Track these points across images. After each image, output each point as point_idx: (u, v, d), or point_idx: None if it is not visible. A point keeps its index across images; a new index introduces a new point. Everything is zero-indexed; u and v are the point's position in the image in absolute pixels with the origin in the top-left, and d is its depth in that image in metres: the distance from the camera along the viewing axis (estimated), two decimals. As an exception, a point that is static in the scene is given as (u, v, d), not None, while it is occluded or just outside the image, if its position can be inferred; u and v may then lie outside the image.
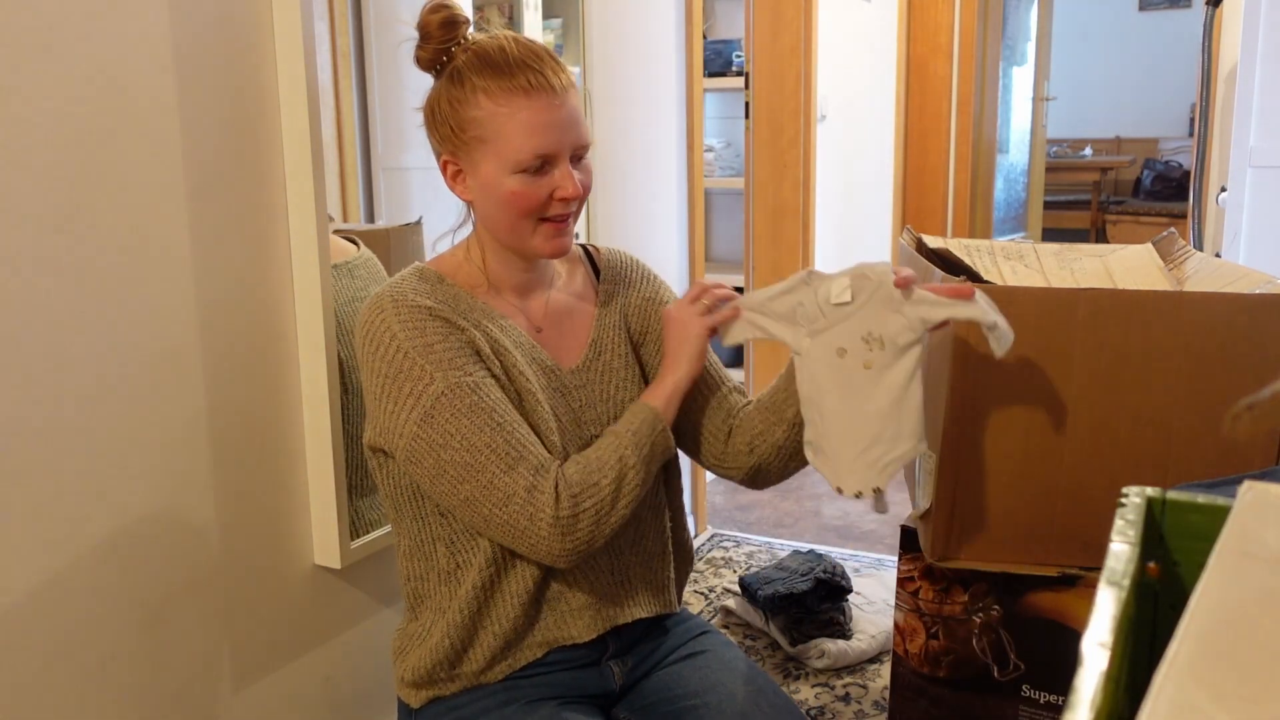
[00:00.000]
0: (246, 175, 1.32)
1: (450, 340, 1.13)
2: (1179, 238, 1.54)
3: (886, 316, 1.12)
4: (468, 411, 1.10)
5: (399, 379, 1.12)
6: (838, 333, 1.15)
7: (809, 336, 1.16)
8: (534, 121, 1.13)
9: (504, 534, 1.12)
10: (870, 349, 1.13)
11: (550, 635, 1.23)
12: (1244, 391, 1.16)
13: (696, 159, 2.61)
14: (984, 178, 5.20)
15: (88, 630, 1.19)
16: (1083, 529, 1.23)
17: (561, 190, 1.15)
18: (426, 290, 1.17)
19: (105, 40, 1.15)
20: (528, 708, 1.19)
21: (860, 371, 1.14)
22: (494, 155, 1.14)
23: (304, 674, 1.49)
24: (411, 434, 1.11)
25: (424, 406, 1.11)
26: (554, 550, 1.10)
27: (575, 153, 1.17)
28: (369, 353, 1.15)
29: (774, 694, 1.26)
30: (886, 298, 1.12)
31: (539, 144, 1.13)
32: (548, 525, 1.08)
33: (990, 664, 1.32)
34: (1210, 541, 0.55)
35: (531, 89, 1.13)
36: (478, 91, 1.14)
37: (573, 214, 1.19)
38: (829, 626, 2.00)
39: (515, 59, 1.14)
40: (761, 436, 1.26)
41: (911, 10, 4.39)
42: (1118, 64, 7.75)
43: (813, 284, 1.17)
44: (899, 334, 1.12)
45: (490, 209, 1.18)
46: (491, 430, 1.10)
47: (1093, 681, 0.45)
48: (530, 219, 1.16)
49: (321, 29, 1.66)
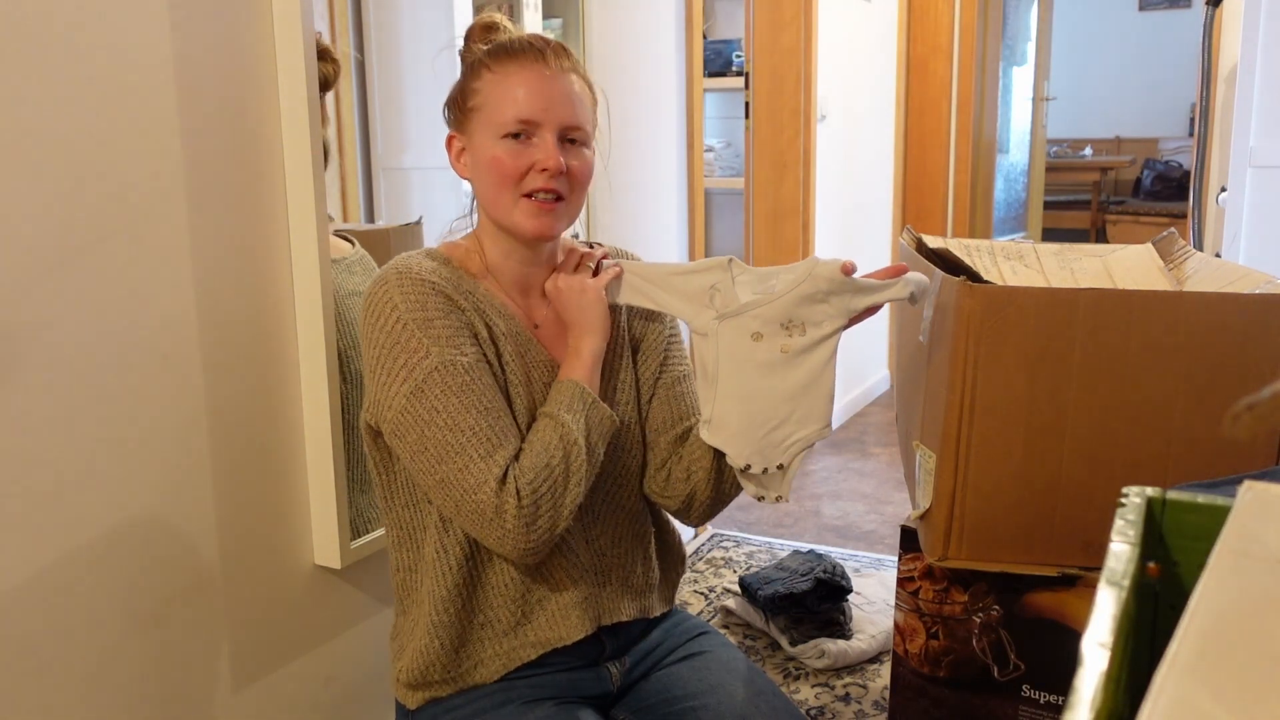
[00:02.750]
0: (246, 175, 1.32)
1: (450, 319, 1.14)
2: (1179, 238, 1.54)
3: (809, 305, 1.18)
4: (458, 390, 1.11)
5: (394, 350, 1.13)
6: (754, 316, 1.19)
7: (717, 319, 1.20)
8: (521, 88, 1.16)
9: (470, 523, 1.12)
10: (790, 334, 1.18)
11: (543, 635, 1.23)
12: (1244, 391, 1.15)
13: (696, 159, 2.61)
14: (984, 178, 5.20)
15: (88, 630, 1.19)
16: (1083, 529, 1.23)
17: (541, 162, 1.15)
18: (432, 268, 1.17)
19: (105, 41, 1.15)
20: (524, 708, 1.19)
21: (775, 354, 1.19)
22: (485, 123, 1.18)
23: (304, 674, 1.49)
24: (400, 406, 1.12)
25: (416, 379, 1.11)
26: (519, 544, 1.10)
27: (565, 133, 1.18)
28: (370, 324, 1.15)
29: (773, 695, 1.25)
30: (812, 289, 1.17)
31: (522, 109, 1.16)
32: (512, 517, 1.09)
33: (990, 664, 1.32)
34: (1210, 541, 0.55)
35: (526, 61, 1.18)
36: (482, 66, 1.20)
37: (560, 198, 1.18)
38: (829, 626, 2.00)
39: (522, 41, 1.20)
40: (698, 462, 1.26)
41: (911, 10, 4.38)
42: (1118, 64, 7.76)
43: (732, 270, 1.21)
44: (822, 321, 1.18)
45: (480, 182, 1.21)
46: (477, 413, 1.11)
47: (1093, 681, 0.45)
48: (511, 190, 1.17)
49: (322, 29, 1.66)
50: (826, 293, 1.17)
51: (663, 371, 1.31)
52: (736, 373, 1.19)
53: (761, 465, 1.20)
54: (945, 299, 1.23)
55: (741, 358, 1.19)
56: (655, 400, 1.30)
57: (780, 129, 3.56)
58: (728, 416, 1.20)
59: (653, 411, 1.30)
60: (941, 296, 1.25)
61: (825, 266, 1.17)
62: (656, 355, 1.31)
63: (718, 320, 1.20)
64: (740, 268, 1.21)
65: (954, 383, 1.22)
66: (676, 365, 1.32)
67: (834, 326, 1.18)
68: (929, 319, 1.30)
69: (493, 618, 1.22)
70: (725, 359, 1.20)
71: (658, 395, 1.30)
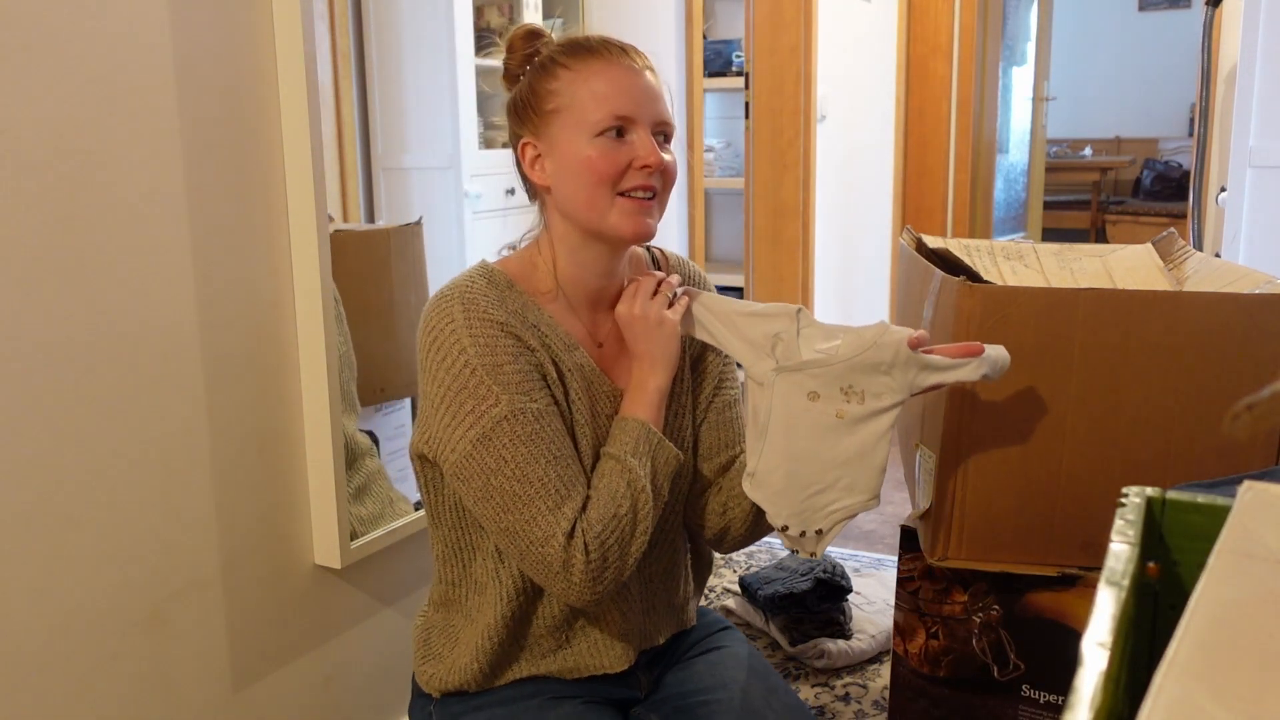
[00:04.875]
0: (246, 175, 1.32)
1: (520, 362, 1.10)
2: (1179, 238, 1.54)
3: (872, 374, 1.11)
4: (527, 439, 1.07)
5: (462, 394, 1.08)
6: (814, 375, 1.13)
7: (776, 370, 1.14)
8: (611, 86, 1.12)
9: (536, 571, 1.09)
10: (848, 400, 1.12)
11: (584, 662, 1.21)
12: (1244, 391, 1.16)
13: (697, 159, 2.61)
14: (984, 178, 5.20)
15: (88, 630, 1.19)
16: (1083, 529, 1.23)
17: (641, 158, 1.11)
18: (496, 299, 1.12)
19: (105, 41, 1.15)
20: (550, 703, 1.19)
21: (830, 418, 1.13)
22: (572, 124, 1.12)
23: (304, 674, 1.48)
24: (465, 451, 1.08)
25: (483, 427, 1.07)
26: (585, 596, 1.08)
27: (658, 128, 1.15)
28: (434, 359, 1.10)
29: (785, 693, 1.25)
30: (877, 358, 1.11)
31: (616, 105, 1.11)
32: (580, 572, 1.06)
33: (990, 664, 1.32)
34: (1210, 541, 0.55)
35: (611, 58, 1.14)
36: (557, 65, 1.14)
37: (656, 195, 1.15)
38: (829, 626, 2.00)
39: (598, 39, 1.16)
40: (737, 500, 1.23)
41: (911, 10, 4.39)
42: (1118, 64, 7.76)
43: (799, 321, 1.16)
44: (883, 393, 1.11)
45: (568, 186, 1.14)
46: (546, 463, 1.07)
47: (1093, 681, 0.45)
48: (608, 189, 1.12)
49: (321, 29, 1.66)
50: (890, 364, 1.10)
51: (716, 395, 1.27)
52: (787, 430, 1.14)
53: (800, 529, 1.15)
54: (945, 299, 1.23)
55: (795, 416, 1.13)
56: (705, 424, 1.27)
57: (780, 129, 3.56)
58: (772, 473, 1.15)
59: (702, 435, 1.27)
60: (941, 296, 1.25)
61: (893, 335, 1.11)
62: (713, 378, 1.28)
63: (776, 372, 1.14)
64: (807, 319, 1.16)
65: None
66: (729, 389, 1.28)
67: (894, 400, 1.11)
68: (929, 319, 1.30)
69: (534, 643, 1.20)
70: (778, 413, 1.14)
71: (708, 419, 1.27)
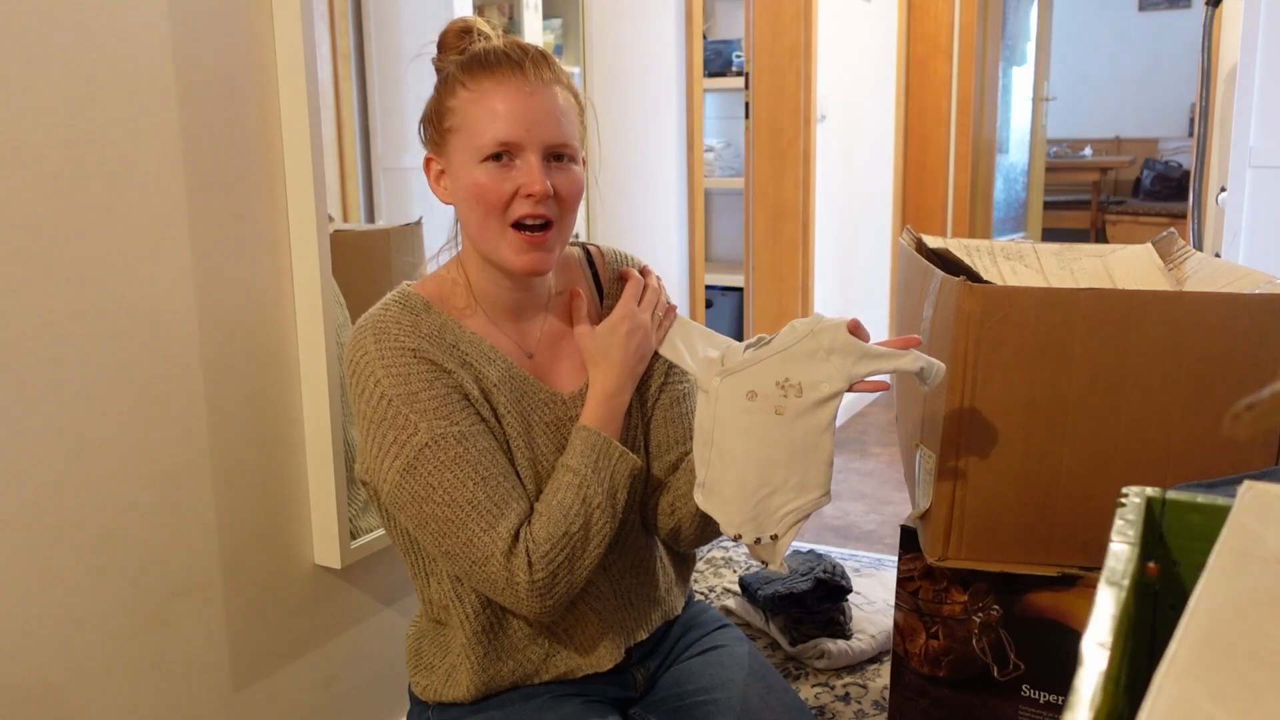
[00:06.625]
0: (246, 175, 1.32)
1: (437, 386, 1.08)
2: (1179, 238, 1.54)
3: (808, 364, 1.09)
4: (451, 464, 1.06)
5: (383, 426, 1.07)
6: (750, 374, 1.11)
7: (719, 376, 1.12)
8: (499, 107, 1.08)
9: (485, 589, 1.09)
10: (785, 395, 1.09)
11: (573, 664, 1.21)
12: (1244, 391, 1.16)
13: (696, 159, 2.61)
14: (984, 178, 5.20)
15: (88, 630, 1.19)
16: (1083, 529, 1.23)
17: (526, 186, 1.07)
18: (410, 324, 1.10)
19: (105, 41, 1.15)
20: (551, 702, 1.19)
21: (770, 416, 1.10)
22: (463, 145, 1.10)
23: (304, 674, 1.49)
24: (395, 482, 1.08)
25: (407, 456, 1.06)
26: (534, 609, 1.08)
27: (550, 150, 1.10)
28: (354, 391, 1.10)
29: (784, 692, 1.25)
30: (814, 347, 1.09)
31: (501, 129, 1.07)
32: (525, 588, 1.06)
33: (990, 664, 1.32)
34: (1210, 541, 0.55)
35: (503, 76, 1.09)
36: (456, 82, 1.11)
37: (549, 224, 1.10)
38: (829, 626, 2.00)
39: (498, 53, 1.11)
40: (684, 500, 1.22)
41: (911, 10, 4.39)
42: (1118, 64, 7.76)
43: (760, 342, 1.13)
44: (820, 383, 1.09)
45: (462, 209, 1.13)
46: (475, 484, 1.06)
47: (1093, 681, 0.45)
48: (497, 217, 1.09)
49: (321, 29, 1.66)
50: (829, 351, 1.08)
51: (663, 390, 1.26)
52: (731, 434, 1.11)
53: (754, 535, 1.12)
54: (945, 299, 1.23)
55: (736, 418, 1.11)
56: (654, 421, 1.25)
57: (780, 129, 3.56)
58: (720, 481, 1.12)
59: (652, 432, 1.25)
60: (941, 296, 1.25)
61: (830, 320, 1.10)
62: (659, 374, 1.26)
63: (720, 378, 1.12)
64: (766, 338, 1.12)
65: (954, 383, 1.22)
66: (678, 383, 1.27)
67: (833, 389, 1.08)
68: (929, 319, 1.30)
69: (518, 654, 1.20)
70: (721, 418, 1.12)
71: (655, 416, 1.25)
